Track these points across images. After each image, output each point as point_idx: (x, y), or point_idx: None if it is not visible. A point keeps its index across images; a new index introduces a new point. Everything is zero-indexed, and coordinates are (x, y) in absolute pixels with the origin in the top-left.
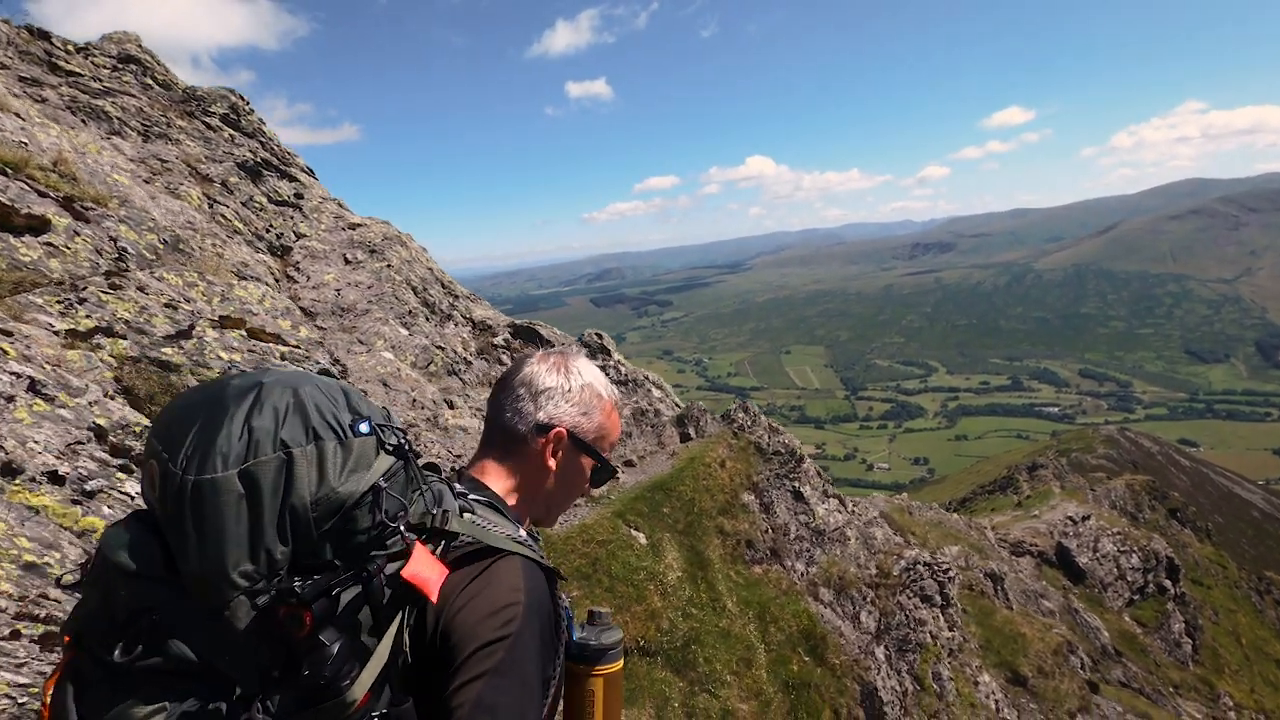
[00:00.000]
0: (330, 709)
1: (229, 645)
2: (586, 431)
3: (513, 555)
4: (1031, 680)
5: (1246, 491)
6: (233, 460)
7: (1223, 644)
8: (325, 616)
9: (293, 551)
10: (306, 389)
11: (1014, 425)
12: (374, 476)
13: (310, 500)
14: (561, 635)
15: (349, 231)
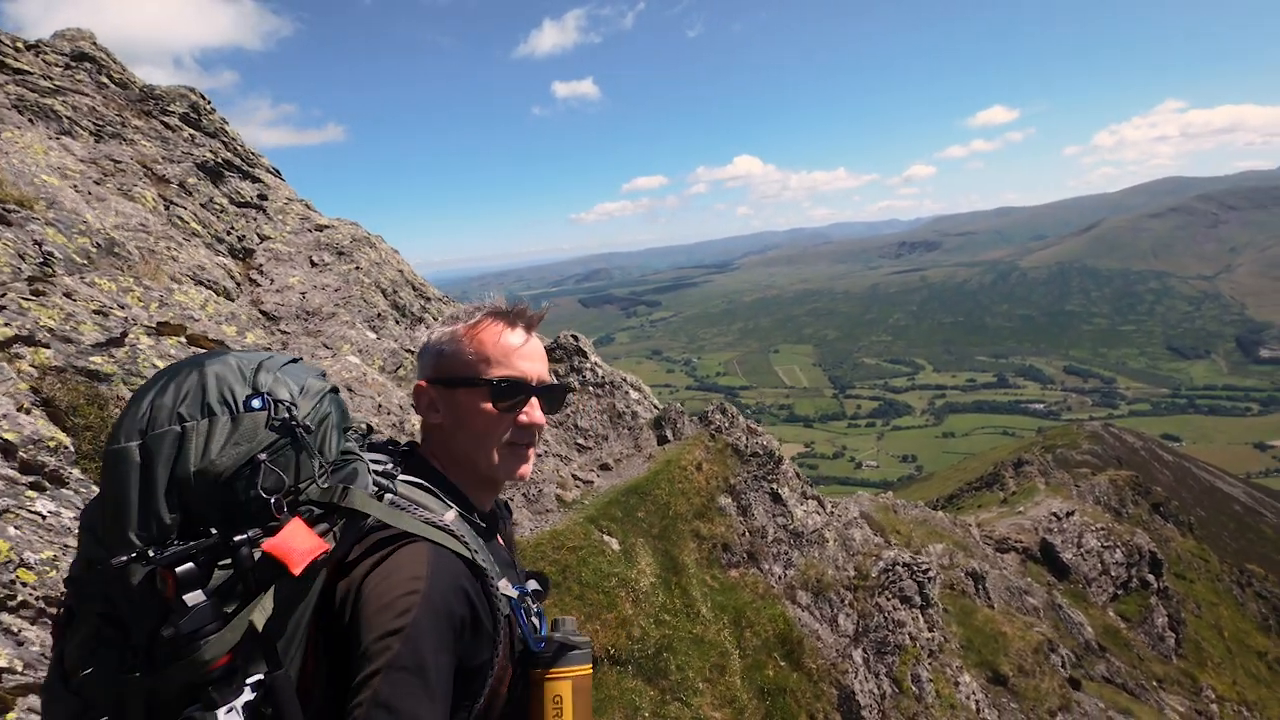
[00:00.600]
0: (186, 666)
1: (129, 600)
2: (445, 370)
3: (420, 541)
4: (1012, 679)
5: (1228, 485)
6: (134, 433)
7: (1205, 637)
8: (191, 580)
9: (182, 519)
10: (215, 367)
11: (1000, 422)
12: (253, 450)
13: (194, 470)
14: (487, 628)
15: (316, 233)
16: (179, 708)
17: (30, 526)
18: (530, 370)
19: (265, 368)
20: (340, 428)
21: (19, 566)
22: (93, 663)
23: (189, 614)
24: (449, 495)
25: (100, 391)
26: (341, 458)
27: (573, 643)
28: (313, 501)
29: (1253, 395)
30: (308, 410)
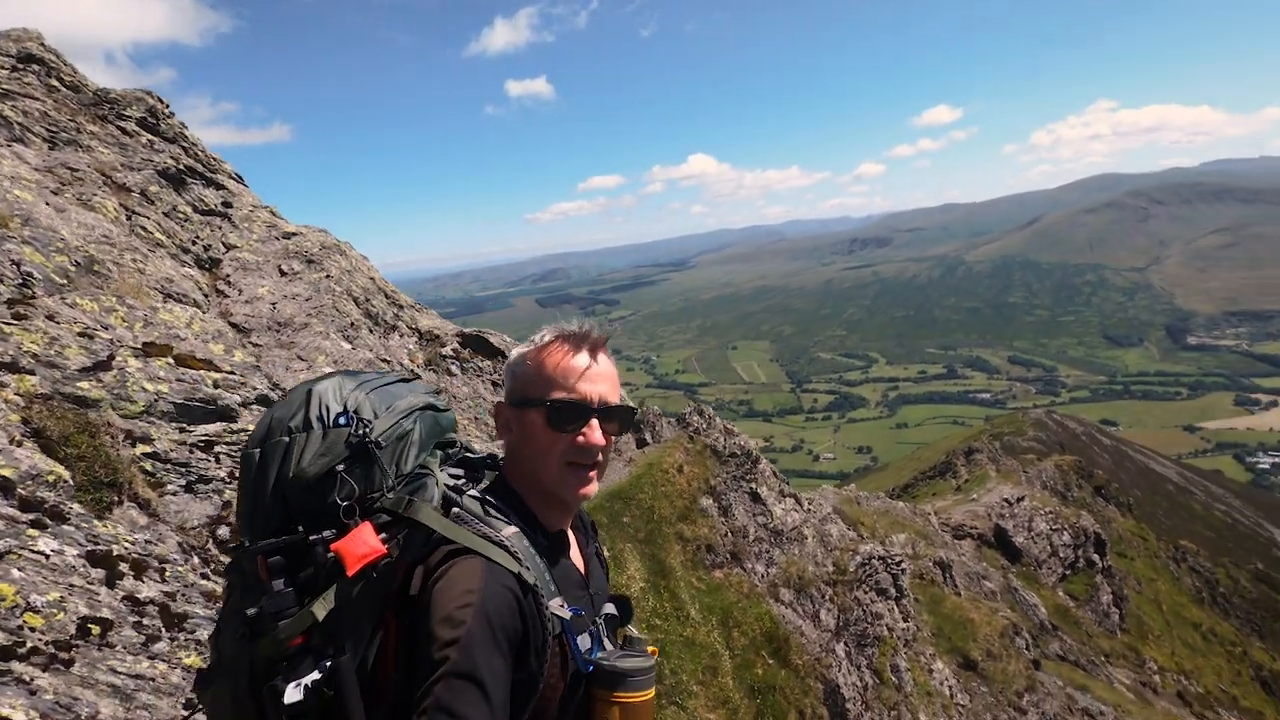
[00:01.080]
0: (267, 642)
1: (250, 577)
2: (515, 391)
3: (475, 556)
4: (981, 664)
5: (1161, 466)
6: (256, 440)
7: (1146, 611)
8: (279, 569)
9: (285, 516)
10: (321, 385)
11: (950, 412)
12: (333, 461)
13: (290, 476)
14: (536, 643)
15: (284, 241)
16: (269, 676)
17: (34, 567)
18: (590, 391)
19: (362, 387)
20: (423, 444)
21: (25, 610)
22: (228, 625)
23: (273, 597)
24: (516, 512)
25: (90, 419)
26: (417, 471)
27: (620, 669)
28: (385, 510)
29: (1182, 380)
30: (384, 428)
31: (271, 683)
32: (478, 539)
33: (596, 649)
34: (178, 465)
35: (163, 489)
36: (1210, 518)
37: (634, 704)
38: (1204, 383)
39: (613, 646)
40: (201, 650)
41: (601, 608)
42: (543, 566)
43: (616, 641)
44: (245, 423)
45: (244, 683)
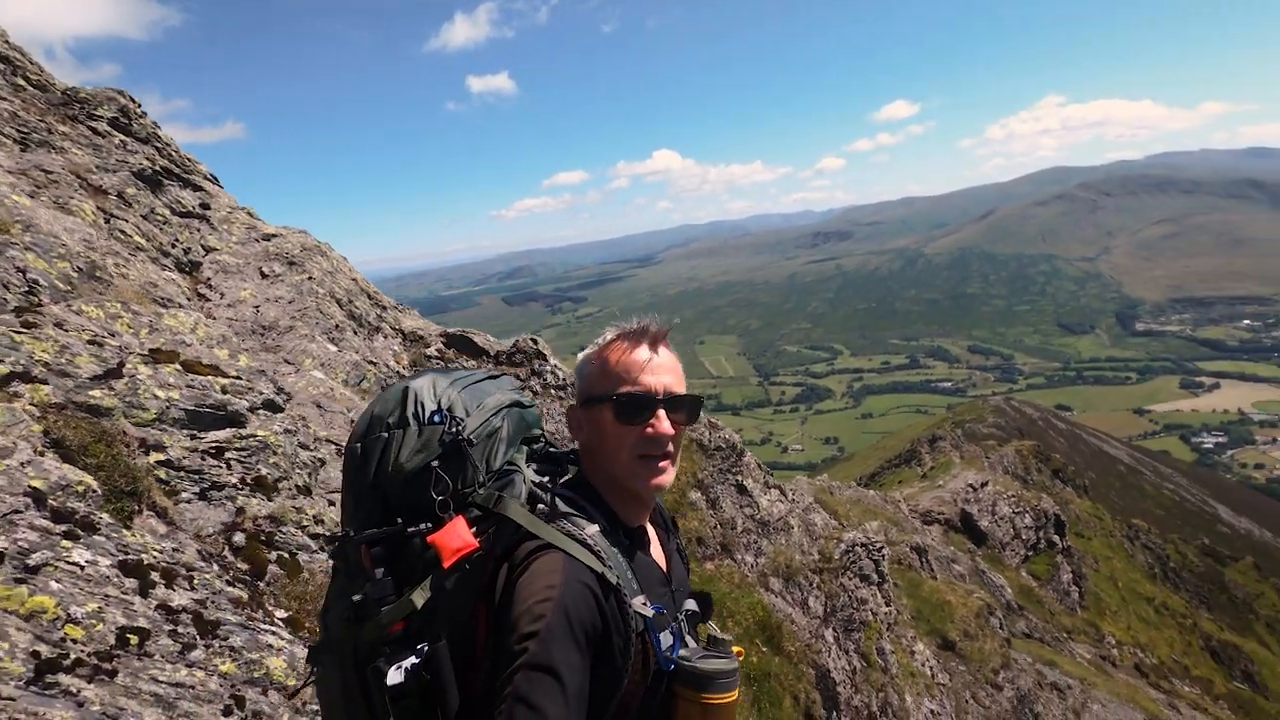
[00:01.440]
0: (370, 627)
1: (354, 564)
2: (583, 391)
3: (556, 551)
4: (959, 644)
5: (1113, 448)
6: (358, 435)
7: (1103, 588)
8: (380, 558)
9: (385, 509)
10: (417, 383)
11: (913, 401)
12: (429, 458)
13: (389, 470)
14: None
15: (264, 243)
16: (372, 657)
17: (70, 579)
18: (654, 383)
19: (455, 385)
20: (511, 440)
21: (67, 622)
22: (335, 608)
23: (375, 585)
24: (597, 509)
25: (105, 428)
26: (506, 467)
27: (705, 670)
28: (476, 505)
29: (1131, 365)
30: (476, 425)
31: (375, 664)
32: (561, 535)
33: (679, 647)
34: (191, 473)
35: (177, 497)
36: (1160, 496)
37: (718, 705)
38: (1152, 367)
39: (695, 644)
40: (236, 657)
41: (683, 604)
42: (624, 564)
43: (699, 639)
44: (254, 428)
45: (349, 661)
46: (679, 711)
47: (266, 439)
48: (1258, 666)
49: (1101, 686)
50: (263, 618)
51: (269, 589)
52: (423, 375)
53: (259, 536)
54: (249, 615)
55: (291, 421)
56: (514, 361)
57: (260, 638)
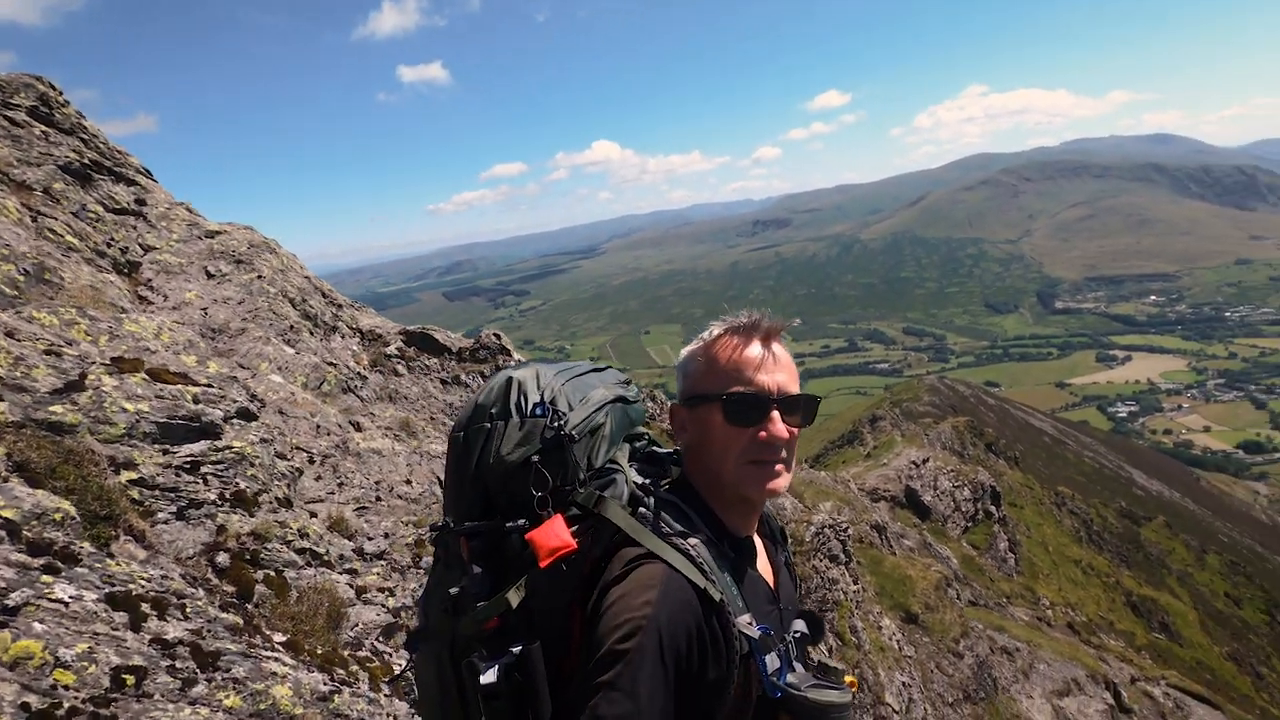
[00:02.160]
0: (467, 622)
1: (453, 554)
2: (688, 389)
3: (657, 563)
4: (921, 616)
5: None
6: (461, 424)
7: (1035, 554)
8: (479, 553)
9: (485, 499)
10: (521, 373)
11: (853, 383)
12: (529, 452)
13: (491, 462)
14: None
15: (207, 240)
16: (469, 650)
17: (55, 618)
18: (768, 382)
19: (559, 376)
20: (614, 437)
21: (56, 667)
22: (434, 595)
23: (472, 579)
24: (701, 516)
25: (70, 446)
26: (608, 467)
27: (817, 703)
28: (576, 504)
29: (1052, 342)
30: (579, 420)
31: (470, 658)
32: (662, 543)
33: (785, 671)
34: (166, 491)
35: (154, 518)
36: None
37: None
38: (1071, 343)
39: (803, 669)
40: (240, 689)
41: (791, 624)
42: (729, 579)
43: (807, 663)
44: (230, 439)
45: (446, 653)
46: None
47: (243, 450)
48: (1172, 617)
49: (1045, 647)
50: (262, 643)
51: (259, 611)
52: (527, 365)
53: (243, 555)
54: (248, 642)
55: (267, 430)
56: (478, 358)
57: (263, 665)
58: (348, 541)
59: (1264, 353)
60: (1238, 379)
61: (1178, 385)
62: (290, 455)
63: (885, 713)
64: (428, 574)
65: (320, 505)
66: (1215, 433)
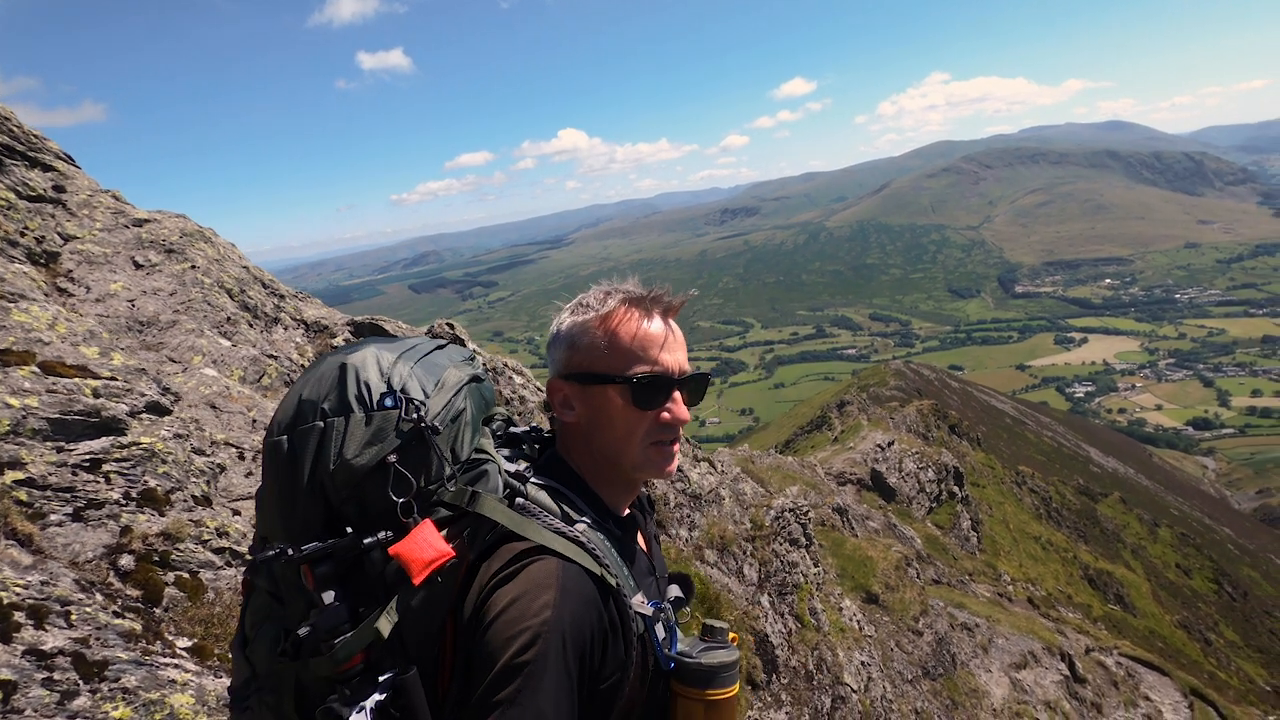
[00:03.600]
0: (323, 662)
1: (288, 585)
2: (580, 365)
3: (549, 558)
4: (882, 596)
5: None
6: (282, 426)
7: (997, 531)
8: (328, 579)
9: (327, 515)
10: (355, 359)
11: (821, 369)
12: (385, 451)
13: (331, 468)
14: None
15: (135, 229)
16: (324, 695)
17: None
18: (671, 362)
19: (405, 359)
20: (476, 423)
21: None
22: (259, 638)
23: (325, 612)
24: (583, 498)
25: None
26: (475, 457)
27: (708, 665)
28: (444, 504)
29: (1012, 325)
30: (439, 408)
31: (327, 705)
32: (552, 535)
33: (674, 641)
34: (60, 491)
35: (45, 520)
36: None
37: (722, 700)
38: (1030, 326)
39: (690, 637)
40: (130, 699)
41: (667, 591)
42: (620, 561)
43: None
44: (137, 435)
45: (290, 703)
46: (679, 712)
47: (153, 446)
48: (1127, 589)
49: (1004, 622)
50: (161, 649)
51: (168, 615)
52: (360, 347)
53: (151, 557)
54: (144, 649)
55: (182, 425)
56: None
57: (160, 673)
58: None
59: (1211, 333)
60: (1187, 358)
61: (1131, 366)
62: (210, 451)
63: (844, 692)
64: (245, 607)
65: (248, 503)
66: (1166, 410)
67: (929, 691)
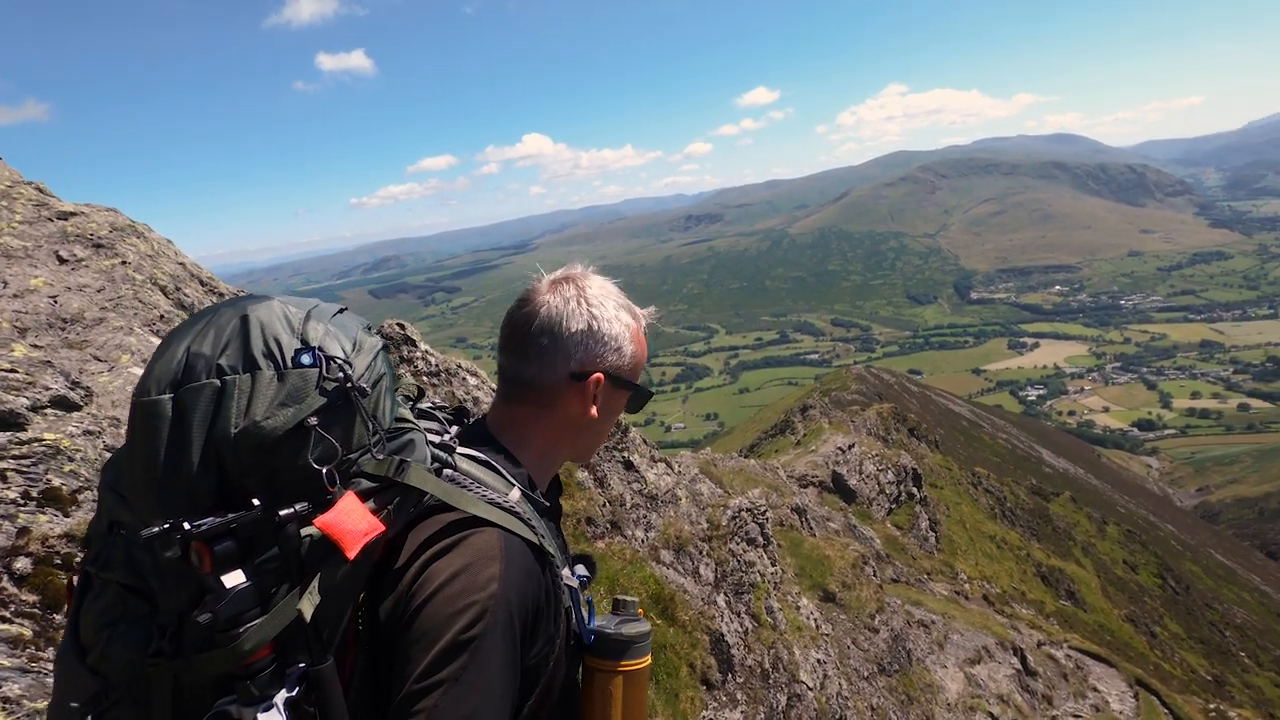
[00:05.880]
0: (221, 655)
1: (158, 571)
2: (623, 368)
3: (489, 529)
4: (839, 594)
5: (957, 406)
6: (167, 384)
7: (954, 531)
8: (230, 558)
9: (219, 486)
10: (260, 312)
11: (785, 374)
12: (304, 413)
13: (234, 433)
14: (550, 623)
15: (59, 222)
16: (211, 697)
17: None
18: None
19: (315, 317)
20: (393, 391)
21: None
22: (113, 640)
23: (227, 597)
24: (510, 471)
25: None
26: (397, 425)
27: (624, 636)
28: (365, 474)
29: (968, 331)
30: (362, 369)
31: (219, 710)
32: (487, 506)
33: (592, 615)
34: None
35: None
36: (995, 445)
37: (636, 671)
38: (985, 332)
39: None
40: (12, 710)
41: (576, 569)
42: (549, 531)
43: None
44: (39, 431)
45: (164, 713)
46: (595, 685)
47: (58, 443)
48: (1077, 585)
49: (959, 618)
50: (52, 656)
51: None
52: (260, 299)
53: (52, 560)
54: (31, 655)
55: (94, 422)
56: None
57: (48, 680)
58: None
59: (1154, 338)
60: (1132, 362)
61: (1080, 369)
62: None
63: (800, 690)
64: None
65: None
66: (1113, 413)
67: (885, 688)
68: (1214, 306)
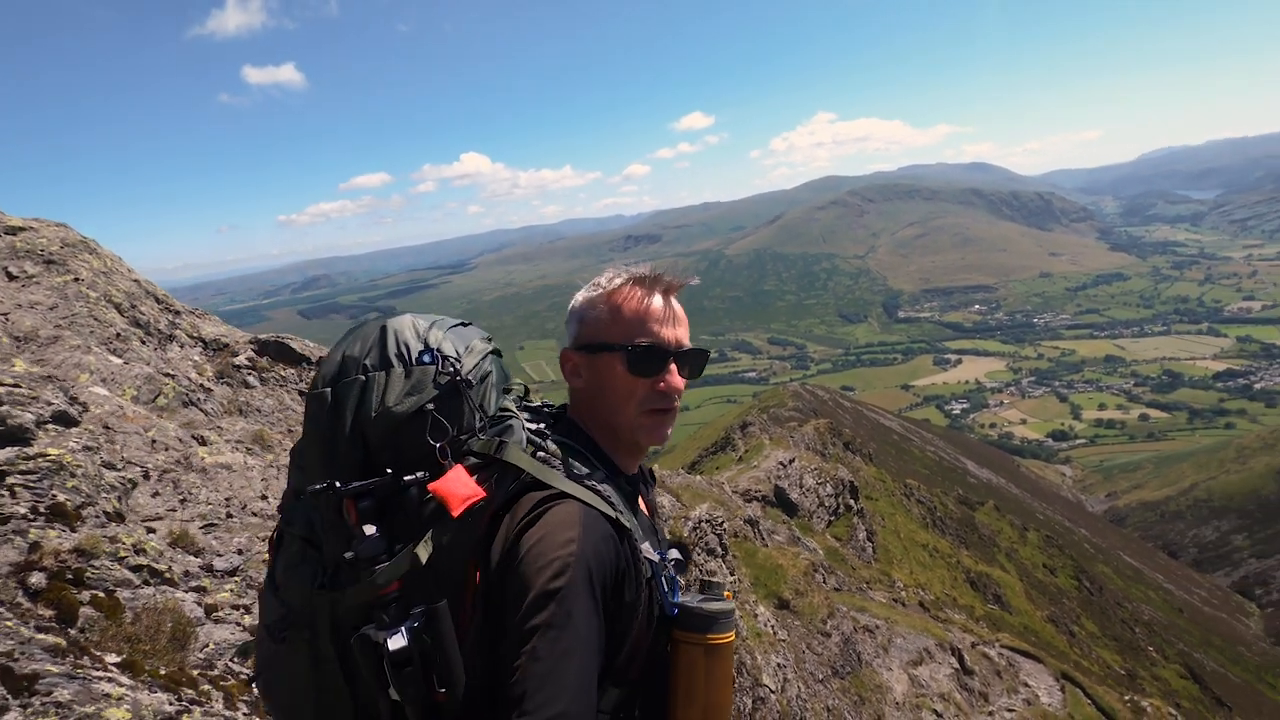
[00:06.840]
0: (362, 588)
1: (324, 525)
2: (587, 336)
3: (571, 501)
4: (792, 602)
5: (887, 420)
6: (327, 379)
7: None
8: (369, 513)
9: (365, 458)
10: (395, 324)
11: (724, 392)
12: (423, 400)
13: (373, 415)
14: (631, 590)
15: (8, 238)
16: (357, 624)
17: None
18: (669, 335)
19: (437, 326)
20: (499, 387)
21: None
22: (294, 578)
23: (367, 541)
24: (595, 456)
25: None
26: (500, 414)
27: (708, 611)
28: (473, 452)
29: (896, 348)
30: (470, 366)
31: (363, 633)
32: (571, 483)
33: (677, 591)
34: None
35: None
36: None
37: (721, 645)
38: (912, 349)
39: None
40: (65, 713)
41: (668, 553)
42: (629, 510)
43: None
44: (44, 446)
45: (326, 633)
46: (681, 657)
47: (61, 459)
48: (1003, 589)
49: (901, 622)
50: (91, 664)
51: (84, 637)
52: (398, 316)
53: (64, 575)
54: (73, 664)
55: (91, 437)
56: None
57: (94, 687)
58: (194, 558)
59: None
60: (1045, 376)
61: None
62: (121, 465)
63: (763, 693)
64: (276, 556)
65: (160, 522)
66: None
67: (839, 689)
68: (1115, 324)
